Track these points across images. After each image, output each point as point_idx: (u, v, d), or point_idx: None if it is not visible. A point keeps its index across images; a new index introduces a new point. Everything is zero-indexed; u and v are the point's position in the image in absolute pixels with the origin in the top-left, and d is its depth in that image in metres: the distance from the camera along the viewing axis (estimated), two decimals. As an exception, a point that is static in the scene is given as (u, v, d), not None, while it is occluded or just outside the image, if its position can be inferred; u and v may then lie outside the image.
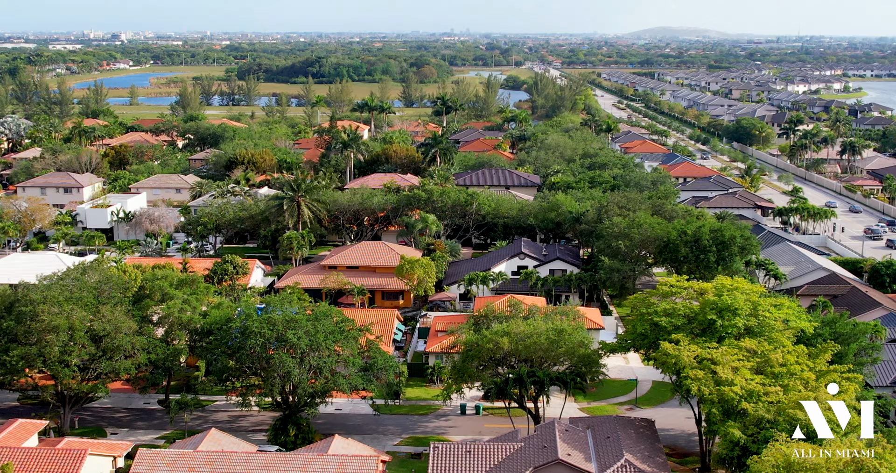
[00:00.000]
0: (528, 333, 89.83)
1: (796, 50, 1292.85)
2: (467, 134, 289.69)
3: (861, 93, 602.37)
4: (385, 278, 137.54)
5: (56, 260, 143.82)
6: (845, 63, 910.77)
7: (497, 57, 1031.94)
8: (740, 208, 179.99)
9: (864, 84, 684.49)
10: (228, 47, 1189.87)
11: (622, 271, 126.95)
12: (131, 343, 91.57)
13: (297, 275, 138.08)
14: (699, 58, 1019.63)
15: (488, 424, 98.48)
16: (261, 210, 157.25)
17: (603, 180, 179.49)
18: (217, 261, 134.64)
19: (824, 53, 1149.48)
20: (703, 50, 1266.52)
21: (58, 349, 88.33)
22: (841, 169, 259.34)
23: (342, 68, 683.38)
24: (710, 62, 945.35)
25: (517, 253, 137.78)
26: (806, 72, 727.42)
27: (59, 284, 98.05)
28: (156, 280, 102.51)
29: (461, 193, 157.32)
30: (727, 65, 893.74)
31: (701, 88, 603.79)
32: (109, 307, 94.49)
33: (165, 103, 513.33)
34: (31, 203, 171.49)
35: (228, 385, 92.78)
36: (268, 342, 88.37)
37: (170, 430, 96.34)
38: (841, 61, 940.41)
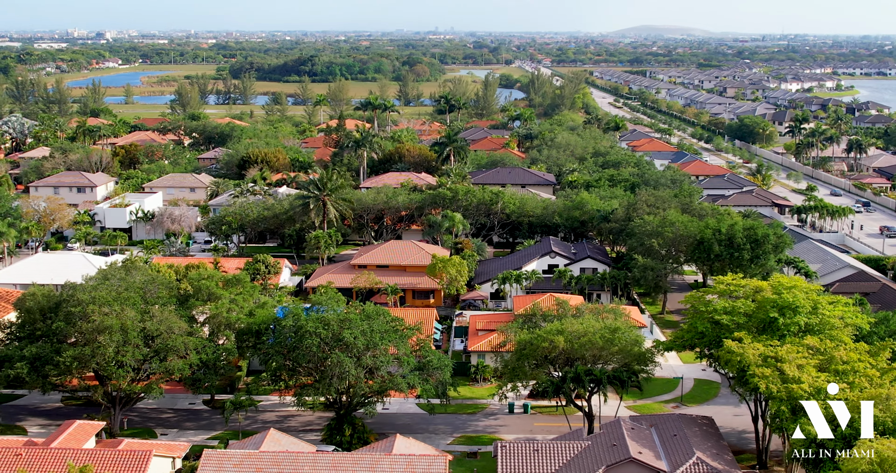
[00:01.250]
0: (583, 331, 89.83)
1: (783, 48, 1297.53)
2: (473, 133, 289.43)
3: (853, 91, 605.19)
4: (415, 277, 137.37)
5: (82, 260, 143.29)
6: (834, 61, 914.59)
7: (487, 56, 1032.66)
8: (758, 206, 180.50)
9: (854, 82, 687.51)
10: (216, 46, 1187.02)
11: (656, 269, 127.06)
12: (184, 343, 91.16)
13: (326, 274, 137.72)
14: (688, 56, 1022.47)
15: (538, 423, 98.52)
16: (285, 209, 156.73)
17: (622, 178, 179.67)
18: (248, 260, 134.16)
19: (811, 52, 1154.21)
20: (690, 48, 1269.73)
21: (112, 349, 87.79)
22: (847, 167, 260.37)
23: (335, 67, 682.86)
24: (699, 61, 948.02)
25: (548, 252, 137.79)
26: (797, 70, 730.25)
27: (106, 284, 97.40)
28: (202, 280, 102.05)
29: (486, 192, 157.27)
30: (717, 63, 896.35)
31: (694, 86, 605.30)
32: (160, 307, 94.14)
33: (161, 102, 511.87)
34: (49, 203, 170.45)
35: (280, 385, 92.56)
36: (323, 342, 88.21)
37: (220, 430, 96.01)
38: (829, 60, 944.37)
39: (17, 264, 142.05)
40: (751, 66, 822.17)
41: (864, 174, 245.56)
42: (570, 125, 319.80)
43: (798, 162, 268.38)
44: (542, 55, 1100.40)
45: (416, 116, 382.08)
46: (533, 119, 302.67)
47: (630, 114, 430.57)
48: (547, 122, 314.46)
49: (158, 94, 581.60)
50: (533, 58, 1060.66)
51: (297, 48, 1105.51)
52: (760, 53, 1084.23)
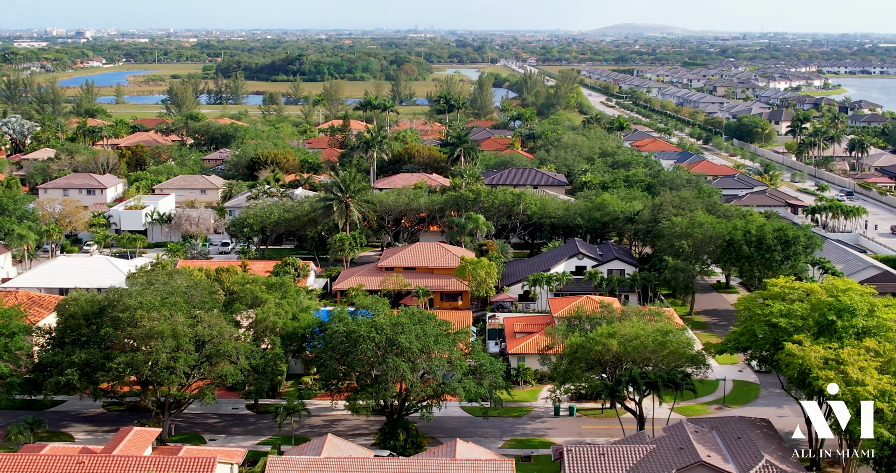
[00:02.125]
0: (634, 335, 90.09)
1: (764, 47, 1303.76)
2: (475, 133, 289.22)
3: (840, 90, 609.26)
4: (443, 279, 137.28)
5: (106, 263, 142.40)
6: (818, 60, 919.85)
7: (472, 54, 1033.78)
8: (772, 207, 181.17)
9: (839, 81, 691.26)
10: (199, 45, 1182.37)
11: (687, 270, 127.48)
12: (235, 348, 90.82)
13: (354, 277, 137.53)
14: (672, 55, 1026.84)
15: (586, 425, 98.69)
16: (306, 211, 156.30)
17: (637, 179, 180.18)
18: (277, 263, 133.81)
19: (793, 50, 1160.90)
20: (672, 47, 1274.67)
21: (165, 355, 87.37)
22: (849, 166, 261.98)
23: (323, 66, 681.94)
24: (683, 59, 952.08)
25: (575, 253, 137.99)
26: (783, 69, 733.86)
27: (151, 289, 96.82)
28: (246, 284, 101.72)
29: (508, 193, 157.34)
30: (702, 62, 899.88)
31: (683, 85, 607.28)
32: (208, 312, 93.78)
33: (151, 102, 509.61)
34: (65, 205, 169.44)
35: (332, 390, 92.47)
36: (377, 347, 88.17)
37: (268, 435, 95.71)
38: (813, 58, 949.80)
39: (40, 268, 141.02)
40: (736, 64, 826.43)
41: (867, 174, 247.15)
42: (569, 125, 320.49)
43: (800, 161, 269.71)
44: (527, 54, 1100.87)
45: (411, 115, 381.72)
46: (533, 119, 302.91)
47: (624, 113, 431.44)
48: (545, 121, 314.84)
49: (147, 93, 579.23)
50: (518, 56, 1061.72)
51: (281, 47, 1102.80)
52: (744, 52, 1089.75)
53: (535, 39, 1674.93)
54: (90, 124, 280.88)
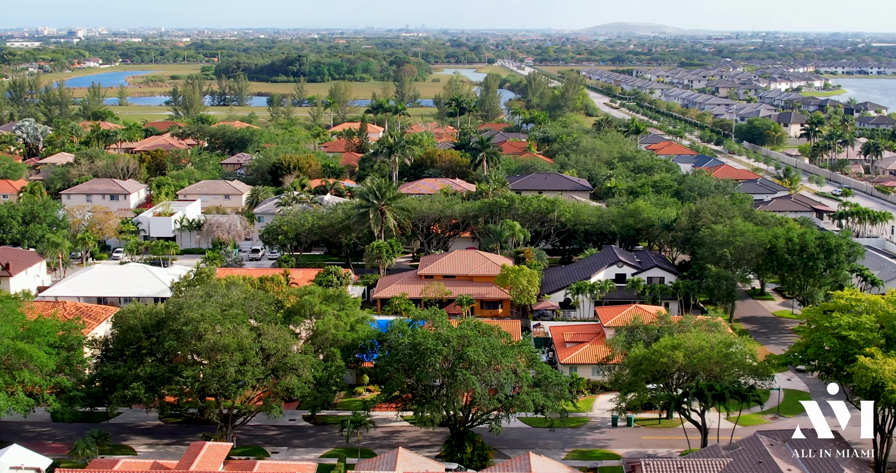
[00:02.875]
0: (699, 346, 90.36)
1: (759, 46, 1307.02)
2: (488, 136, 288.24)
3: (840, 90, 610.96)
4: (483, 286, 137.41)
5: (144, 272, 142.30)
6: (815, 60, 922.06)
7: (469, 55, 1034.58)
8: (798, 212, 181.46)
9: (839, 81, 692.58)
10: (193, 45, 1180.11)
11: (730, 279, 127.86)
12: (301, 361, 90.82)
13: (394, 285, 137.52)
14: (668, 55, 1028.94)
15: (646, 436, 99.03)
16: (340, 219, 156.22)
17: (665, 184, 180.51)
18: (319, 272, 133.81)
19: (787, 50, 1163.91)
20: (667, 46, 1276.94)
21: (233, 369, 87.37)
22: (863, 170, 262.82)
23: (323, 67, 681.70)
24: (680, 59, 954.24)
25: (615, 261, 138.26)
26: (782, 69, 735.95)
27: (211, 301, 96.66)
28: (305, 296, 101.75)
29: (542, 200, 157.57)
30: (699, 62, 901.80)
31: (684, 85, 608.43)
32: (272, 325, 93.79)
33: (154, 103, 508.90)
34: (95, 212, 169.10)
35: (399, 402, 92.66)
36: (445, 359, 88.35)
37: (330, 448, 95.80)
38: (809, 58, 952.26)
39: (77, 276, 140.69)
40: (734, 65, 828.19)
41: (883, 177, 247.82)
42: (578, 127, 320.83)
43: (814, 165, 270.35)
44: (523, 54, 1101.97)
45: (418, 117, 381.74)
46: (547, 122, 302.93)
47: (629, 115, 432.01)
48: (556, 124, 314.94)
49: (149, 94, 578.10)
50: (514, 57, 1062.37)
51: (277, 47, 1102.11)
52: (740, 52, 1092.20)
53: (528, 39, 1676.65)
54: (103, 128, 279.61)
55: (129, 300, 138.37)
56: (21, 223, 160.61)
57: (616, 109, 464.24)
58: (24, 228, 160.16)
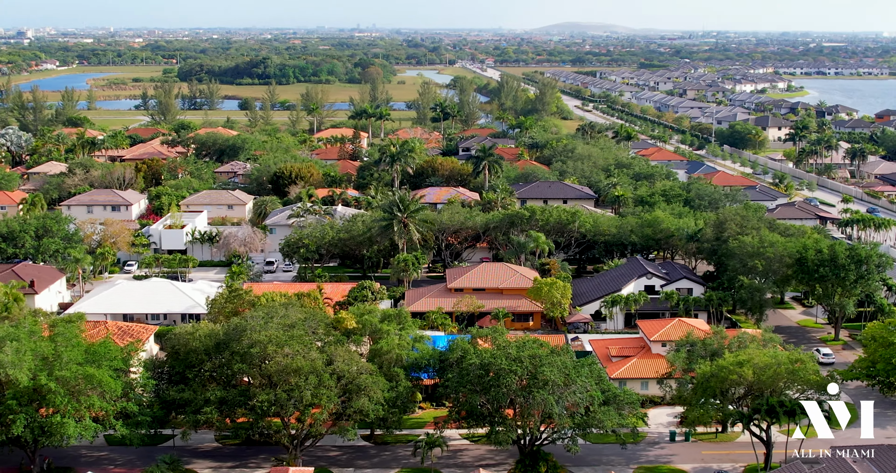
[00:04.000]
0: (768, 363, 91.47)
1: (713, 46, 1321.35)
2: (477, 142, 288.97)
3: (803, 92, 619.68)
4: (513, 299, 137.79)
5: (171, 288, 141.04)
6: (772, 61, 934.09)
7: (430, 56, 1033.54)
8: (803, 219, 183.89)
9: (800, 82, 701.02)
10: (149, 46, 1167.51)
11: (763, 290, 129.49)
12: (374, 383, 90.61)
13: (424, 298, 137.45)
14: (627, 55, 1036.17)
15: (706, 451, 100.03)
16: (361, 231, 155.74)
17: (674, 193, 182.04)
18: (353, 287, 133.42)
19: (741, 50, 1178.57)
20: (622, 47, 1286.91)
21: (309, 393, 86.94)
22: (849, 174, 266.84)
23: (288, 69, 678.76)
24: (639, 60, 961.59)
25: (644, 273, 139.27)
26: (743, 71, 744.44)
27: (273, 322, 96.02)
28: (364, 315, 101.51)
29: (562, 211, 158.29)
30: (658, 63, 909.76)
31: (650, 87, 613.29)
32: (341, 346, 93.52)
33: (124, 107, 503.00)
34: (108, 225, 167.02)
35: (469, 421, 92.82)
36: (520, 379, 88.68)
37: (396, 468, 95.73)
38: (767, 59, 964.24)
39: (104, 294, 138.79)
40: (695, 66, 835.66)
41: (872, 183, 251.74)
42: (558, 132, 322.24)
43: (800, 170, 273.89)
44: (483, 55, 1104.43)
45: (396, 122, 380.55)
46: (533, 127, 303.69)
47: (603, 118, 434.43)
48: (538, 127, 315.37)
49: (114, 98, 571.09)
50: (474, 58, 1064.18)
51: (234, 48, 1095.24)
52: (696, 52, 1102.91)
53: (482, 39, 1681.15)
54: (88, 135, 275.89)
55: (157, 316, 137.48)
56: (34, 238, 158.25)
57: (588, 112, 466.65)
58: (37, 242, 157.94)
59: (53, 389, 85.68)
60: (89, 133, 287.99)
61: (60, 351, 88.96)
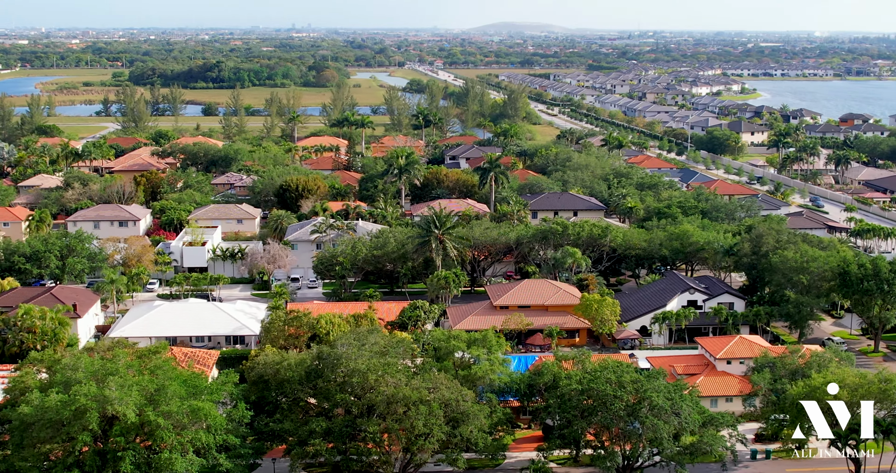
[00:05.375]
0: (860, 383, 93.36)
1: (653, 47, 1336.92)
2: (464, 150, 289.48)
3: (757, 94, 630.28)
4: (558, 316, 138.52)
5: (213, 308, 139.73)
6: (718, 62, 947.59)
7: (379, 58, 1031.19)
8: (812, 229, 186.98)
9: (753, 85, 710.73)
10: (90, 48, 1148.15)
11: (810, 305, 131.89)
12: (480, 410, 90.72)
13: (471, 317, 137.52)
14: (574, 57, 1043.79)
15: (790, 469, 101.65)
16: (394, 248, 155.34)
17: (690, 204, 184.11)
18: (406, 306, 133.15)
19: (682, 50, 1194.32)
20: (563, 47, 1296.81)
21: (421, 423, 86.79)
22: (833, 180, 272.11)
23: (242, 73, 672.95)
24: (587, 62, 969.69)
25: (687, 288, 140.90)
26: (694, 73, 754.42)
27: (365, 350, 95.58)
28: (451, 340, 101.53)
29: (593, 226, 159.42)
30: (607, 64, 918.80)
31: (607, 90, 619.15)
32: (442, 374, 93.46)
33: (84, 113, 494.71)
34: (131, 243, 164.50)
35: (571, 449, 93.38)
36: (627, 405, 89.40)
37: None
38: (712, 60, 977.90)
39: (148, 316, 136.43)
40: (643, 67, 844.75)
41: (859, 189, 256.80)
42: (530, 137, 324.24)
43: (784, 176, 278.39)
44: (429, 56, 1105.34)
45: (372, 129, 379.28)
46: (519, 134, 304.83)
47: (572, 123, 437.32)
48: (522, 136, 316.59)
49: (68, 103, 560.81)
50: (422, 59, 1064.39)
51: (176, 49, 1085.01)
52: (642, 54, 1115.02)
53: (423, 39, 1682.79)
54: (72, 146, 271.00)
55: (201, 339, 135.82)
56: (58, 258, 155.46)
57: (555, 117, 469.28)
58: (61, 262, 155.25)
59: (162, 424, 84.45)
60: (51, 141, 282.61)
61: (164, 385, 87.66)
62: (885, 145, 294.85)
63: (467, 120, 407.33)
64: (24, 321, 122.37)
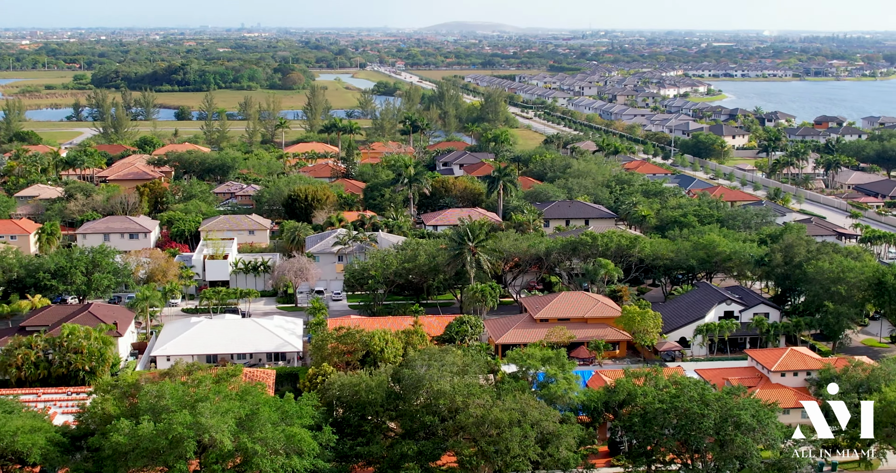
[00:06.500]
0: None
1: (609, 47, 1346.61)
2: (456, 156, 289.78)
3: (722, 96, 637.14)
4: (598, 328, 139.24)
5: (254, 325, 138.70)
6: (678, 62, 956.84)
7: (340, 59, 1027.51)
8: (822, 236, 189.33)
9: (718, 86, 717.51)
10: (44, 49, 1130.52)
11: (850, 315, 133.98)
12: (569, 430, 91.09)
13: (513, 330, 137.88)
14: (535, 57, 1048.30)
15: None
16: (424, 261, 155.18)
17: (705, 213, 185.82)
18: (452, 320, 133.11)
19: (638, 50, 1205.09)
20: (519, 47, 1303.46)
21: (517, 444, 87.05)
22: (824, 185, 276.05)
23: (208, 75, 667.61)
24: (548, 62, 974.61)
25: (723, 299, 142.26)
26: (658, 74, 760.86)
27: (445, 369, 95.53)
28: (528, 359, 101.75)
29: (622, 236, 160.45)
30: (568, 65, 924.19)
31: (575, 92, 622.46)
32: (528, 394, 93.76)
33: (55, 118, 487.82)
34: (155, 258, 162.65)
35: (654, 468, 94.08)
36: (715, 423, 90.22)
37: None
38: (671, 61, 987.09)
39: (188, 333, 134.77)
40: (605, 68, 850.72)
41: (852, 193, 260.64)
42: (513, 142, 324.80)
43: (774, 180, 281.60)
44: (388, 57, 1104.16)
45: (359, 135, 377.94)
46: (508, 141, 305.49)
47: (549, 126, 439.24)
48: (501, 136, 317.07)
49: (34, 107, 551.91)
50: (383, 61, 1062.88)
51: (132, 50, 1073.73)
52: (601, 54, 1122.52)
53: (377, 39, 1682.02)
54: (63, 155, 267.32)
55: (243, 356, 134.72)
56: (83, 274, 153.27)
57: (530, 120, 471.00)
58: (86, 278, 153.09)
59: (259, 451, 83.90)
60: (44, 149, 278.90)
61: (256, 410, 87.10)
62: (870, 149, 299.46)
63: (449, 125, 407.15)
64: (69, 342, 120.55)
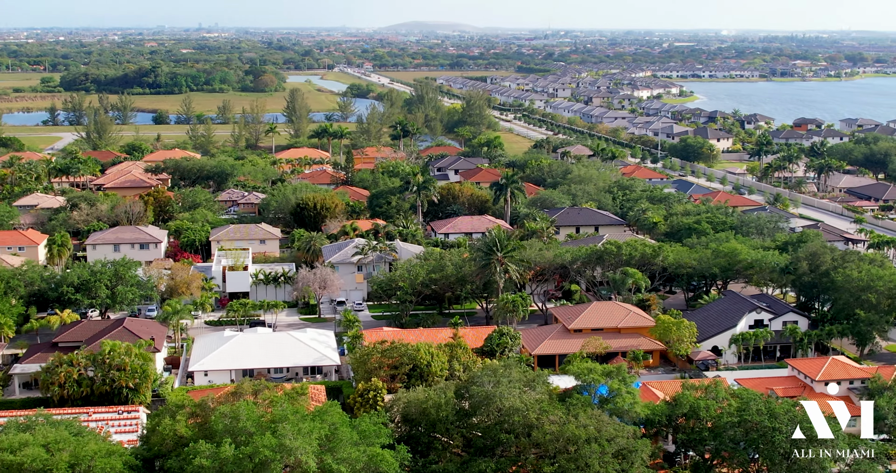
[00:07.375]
0: None
1: (573, 48, 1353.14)
2: (450, 162, 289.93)
3: (694, 97, 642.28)
4: (632, 338, 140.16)
5: (290, 339, 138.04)
6: (645, 63, 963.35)
7: (308, 60, 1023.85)
8: (832, 242, 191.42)
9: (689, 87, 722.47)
10: (4, 50, 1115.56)
11: (881, 323, 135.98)
12: (644, 446, 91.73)
13: (547, 341, 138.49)
14: (502, 58, 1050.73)
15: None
16: (452, 271, 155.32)
17: (718, 220, 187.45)
18: (492, 332, 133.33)
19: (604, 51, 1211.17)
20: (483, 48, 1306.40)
21: (597, 461, 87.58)
22: (816, 188, 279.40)
23: (180, 78, 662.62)
24: (515, 64, 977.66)
25: (753, 307, 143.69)
26: (629, 76, 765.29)
27: (512, 384, 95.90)
28: (590, 375, 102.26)
29: (646, 245, 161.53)
30: (536, 66, 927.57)
31: (549, 94, 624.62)
32: (589, 408, 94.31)
33: (30, 122, 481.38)
34: (176, 270, 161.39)
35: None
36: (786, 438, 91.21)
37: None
38: (638, 62, 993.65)
39: (225, 348, 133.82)
40: (575, 69, 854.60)
41: (846, 197, 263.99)
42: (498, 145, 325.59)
43: (766, 184, 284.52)
44: (356, 58, 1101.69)
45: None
46: (501, 146, 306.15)
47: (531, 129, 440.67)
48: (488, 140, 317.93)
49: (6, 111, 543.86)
50: (351, 62, 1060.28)
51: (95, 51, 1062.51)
52: (567, 55, 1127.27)
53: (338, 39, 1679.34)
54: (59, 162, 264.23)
55: (280, 370, 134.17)
56: (107, 287, 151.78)
57: (510, 123, 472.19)
58: (110, 292, 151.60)
59: (344, 472, 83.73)
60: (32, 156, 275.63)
61: (336, 430, 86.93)
62: (858, 152, 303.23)
63: (435, 129, 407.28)
64: (111, 359, 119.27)
